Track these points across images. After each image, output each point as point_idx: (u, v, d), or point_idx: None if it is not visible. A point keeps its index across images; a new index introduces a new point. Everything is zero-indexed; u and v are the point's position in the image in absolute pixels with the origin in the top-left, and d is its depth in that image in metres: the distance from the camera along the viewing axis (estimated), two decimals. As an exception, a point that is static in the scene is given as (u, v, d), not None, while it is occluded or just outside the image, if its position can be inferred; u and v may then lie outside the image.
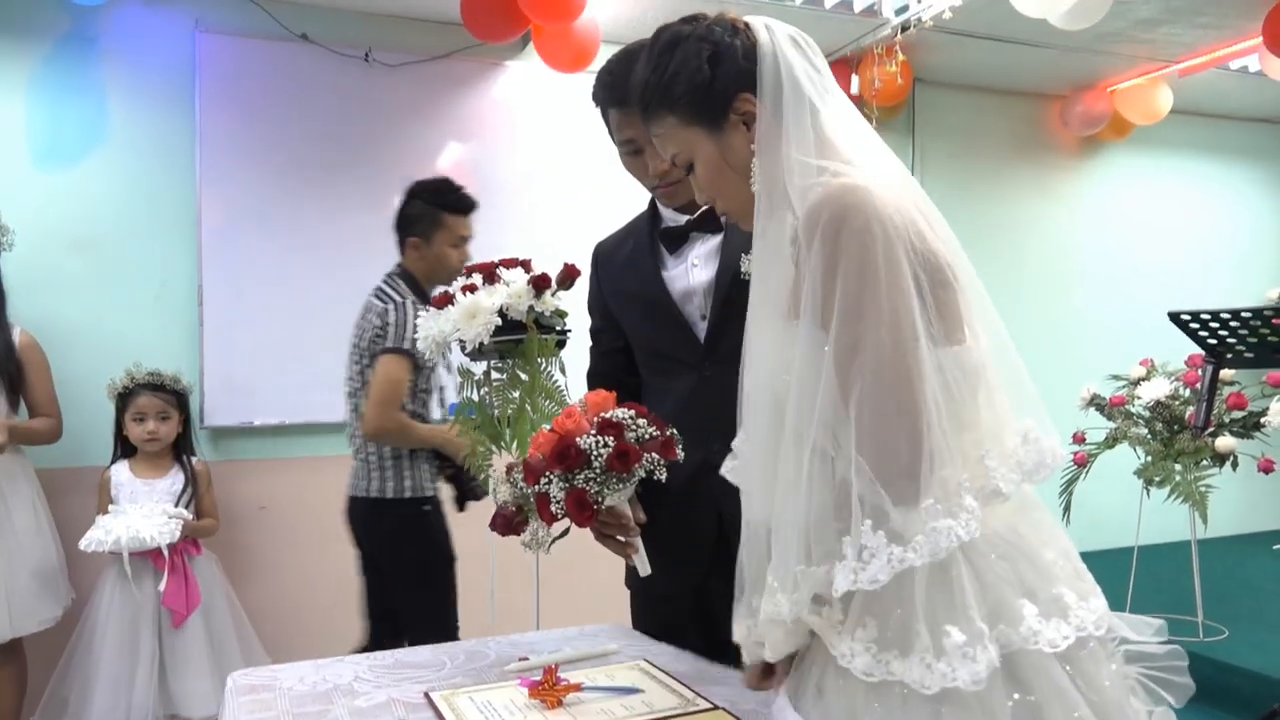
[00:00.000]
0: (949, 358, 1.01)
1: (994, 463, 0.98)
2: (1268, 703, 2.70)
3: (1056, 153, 4.66)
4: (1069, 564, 1.01)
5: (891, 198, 1.00)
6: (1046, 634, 0.92)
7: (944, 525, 0.91)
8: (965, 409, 1.00)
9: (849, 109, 1.11)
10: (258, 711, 1.28)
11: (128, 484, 2.69)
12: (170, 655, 2.56)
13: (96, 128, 3.04)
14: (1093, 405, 3.50)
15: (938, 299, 1.01)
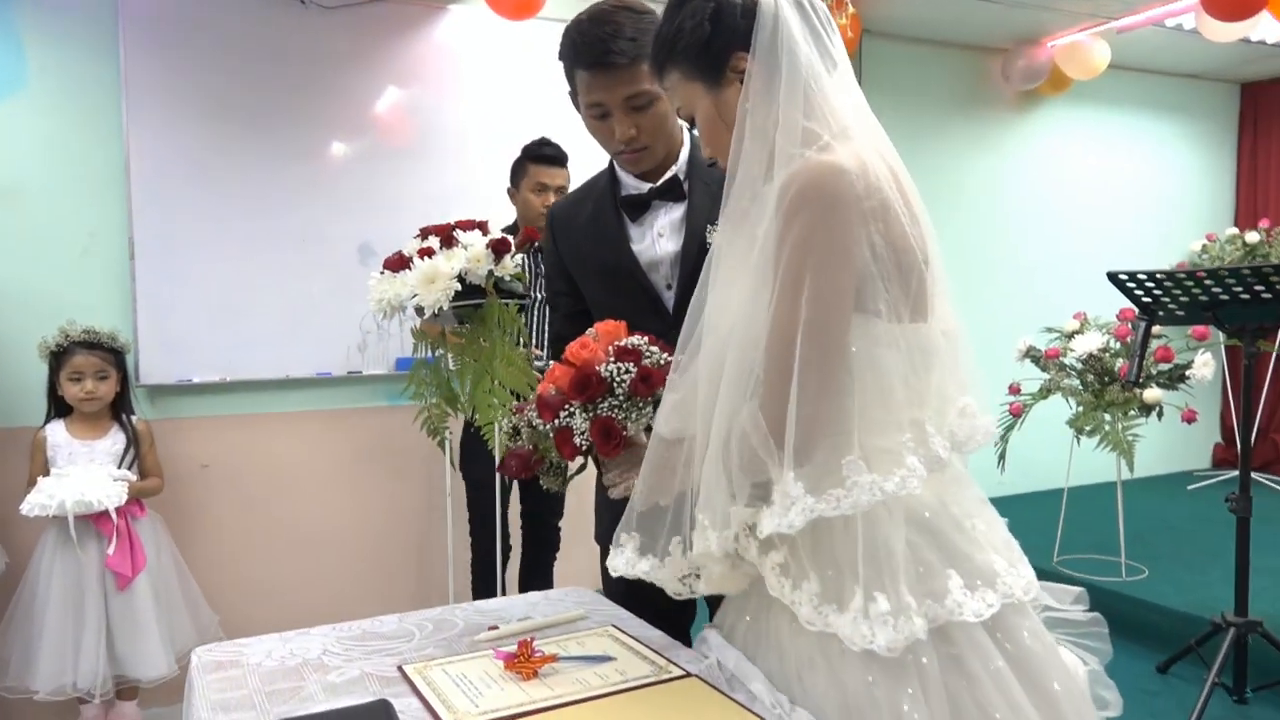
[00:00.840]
0: (911, 334, 1.08)
1: (932, 429, 1.06)
2: (1184, 638, 2.88)
3: (996, 106, 4.73)
4: (997, 534, 1.10)
5: (871, 180, 1.04)
6: (971, 605, 1.01)
7: (866, 480, 1.01)
8: (919, 381, 1.08)
9: (850, 79, 1.14)
10: (228, 690, 1.26)
11: (65, 445, 2.60)
12: (117, 618, 2.50)
13: (13, 74, 2.86)
14: (1028, 357, 3.62)
15: (906, 281, 1.07)
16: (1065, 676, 1.10)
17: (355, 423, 3.36)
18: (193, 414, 3.15)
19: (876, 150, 1.09)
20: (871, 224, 1.04)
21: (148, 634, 2.51)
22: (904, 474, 1.01)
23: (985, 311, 4.70)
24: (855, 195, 1.02)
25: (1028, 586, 1.06)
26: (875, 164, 1.06)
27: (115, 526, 2.48)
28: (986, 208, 4.75)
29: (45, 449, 2.60)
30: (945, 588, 1.01)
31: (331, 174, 3.28)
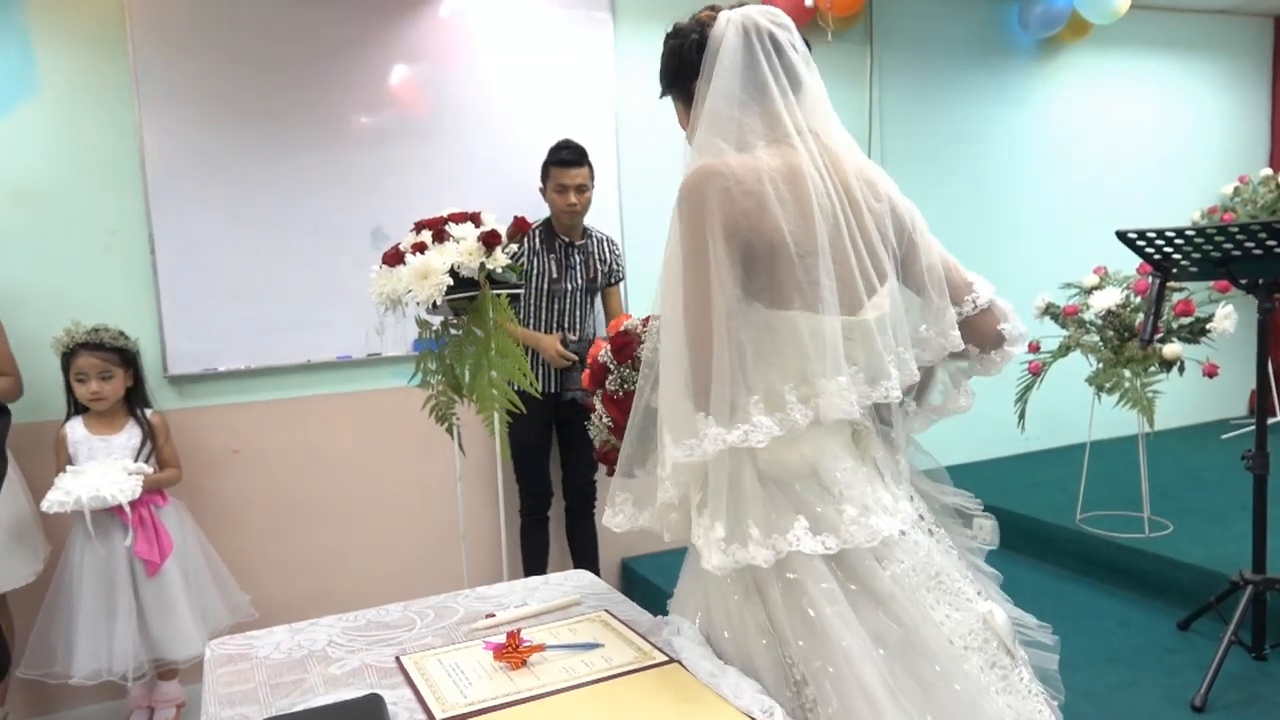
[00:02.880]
0: (773, 317, 1.25)
1: (792, 398, 1.23)
2: (1206, 595, 2.87)
3: (1015, 56, 4.61)
4: (860, 489, 1.26)
5: (746, 180, 1.22)
6: (809, 543, 1.21)
7: (714, 433, 1.20)
8: (778, 355, 1.25)
9: (811, 95, 1.32)
10: (235, 684, 1.33)
11: (84, 441, 2.69)
12: (149, 602, 2.60)
13: (25, 76, 2.92)
14: (1047, 314, 3.57)
15: (772, 270, 1.24)
16: (931, 624, 1.23)
17: (377, 403, 3.43)
18: (220, 401, 3.24)
19: (803, 150, 1.26)
20: (740, 219, 1.21)
21: (179, 616, 2.61)
22: (747, 429, 1.20)
23: (1005, 267, 4.62)
24: (717, 190, 1.21)
25: (870, 535, 1.22)
26: (769, 165, 1.24)
27: (134, 518, 2.57)
28: (1006, 161, 4.66)
29: (67, 445, 2.69)
30: (790, 526, 1.21)
31: (342, 160, 3.32)
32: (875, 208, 1.32)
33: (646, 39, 3.79)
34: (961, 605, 1.29)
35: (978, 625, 1.29)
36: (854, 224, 1.28)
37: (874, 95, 4.27)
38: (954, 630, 1.25)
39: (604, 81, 3.68)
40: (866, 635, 1.18)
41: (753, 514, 1.22)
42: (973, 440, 4.63)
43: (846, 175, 1.30)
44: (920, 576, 1.26)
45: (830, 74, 4.11)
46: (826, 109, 1.33)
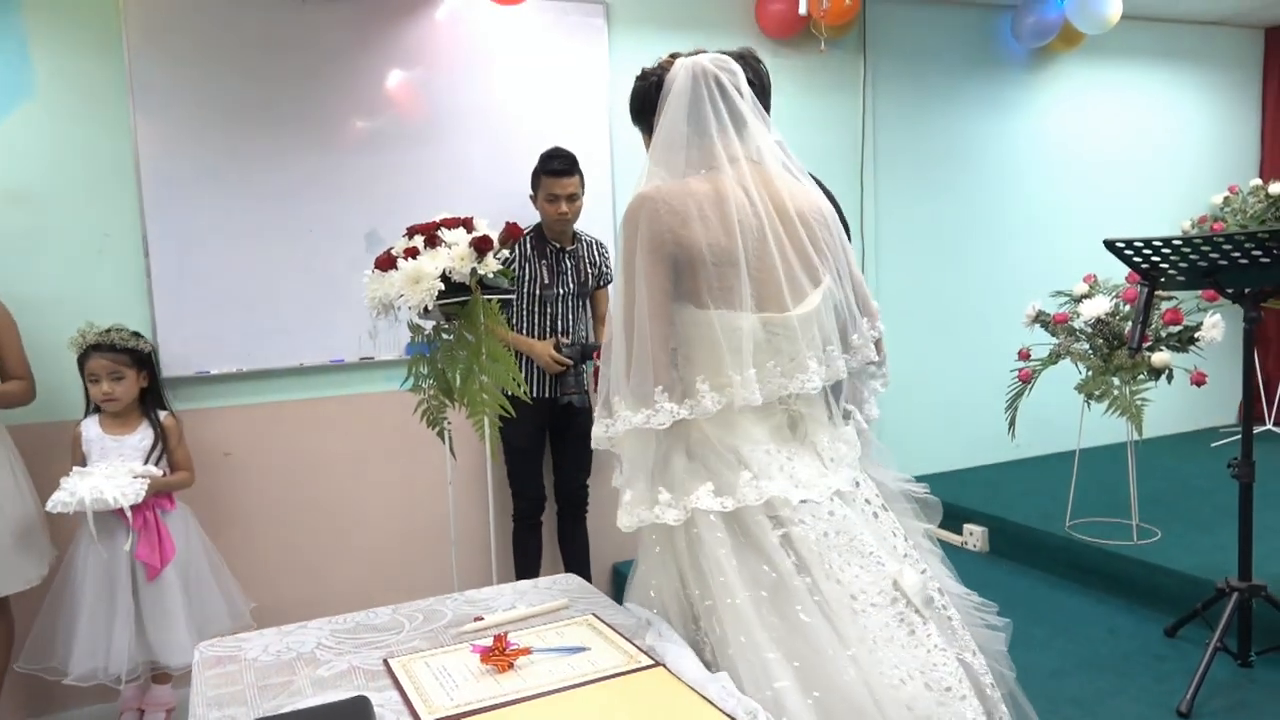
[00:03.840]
0: (699, 316, 1.47)
1: (704, 387, 1.45)
2: (1193, 602, 2.88)
3: (1007, 65, 4.64)
4: (770, 463, 1.45)
5: (674, 203, 1.46)
6: (706, 502, 1.42)
7: (623, 414, 1.44)
8: (700, 349, 1.47)
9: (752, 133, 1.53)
10: (223, 685, 1.34)
11: (97, 440, 2.69)
12: (148, 607, 2.60)
13: (21, 80, 2.93)
14: (1037, 322, 3.60)
15: (696, 276, 1.46)
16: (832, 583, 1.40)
17: (370, 407, 3.44)
18: (213, 404, 3.25)
19: (733, 175, 1.49)
20: (670, 232, 1.44)
21: (176, 623, 2.60)
22: (649, 413, 1.43)
23: (996, 275, 4.67)
24: (648, 214, 1.45)
25: (759, 495, 1.42)
26: (699, 188, 1.48)
27: (137, 521, 2.56)
28: (998, 170, 4.68)
29: (80, 443, 2.70)
30: (696, 490, 1.44)
31: (337, 164, 3.33)
32: (812, 223, 1.54)
33: (641, 45, 3.81)
34: (870, 567, 1.44)
35: (886, 585, 1.43)
36: (783, 237, 1.50)
37: (867, 104, 4.29)
38: (858, 588, 1.41)
39: (598, 87, 3.70)
40: (747, 577, 1.39)
41: (667, 482, 1.46)
42: (964, 447, 4.65)
43: (781, 196, 1.52)
44: (833, 539, 1.43)
45: (823, 83, 4.17)
46: (768, 140, 1.55)
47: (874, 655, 1.35)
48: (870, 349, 1.62)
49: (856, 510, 1.50)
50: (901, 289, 4.49)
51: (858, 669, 1.34)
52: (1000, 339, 4.09)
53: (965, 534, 4.00)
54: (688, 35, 3.90)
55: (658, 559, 1.49)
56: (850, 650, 1.35)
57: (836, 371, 1.52)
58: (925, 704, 1.35)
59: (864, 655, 1.35)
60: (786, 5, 3.81)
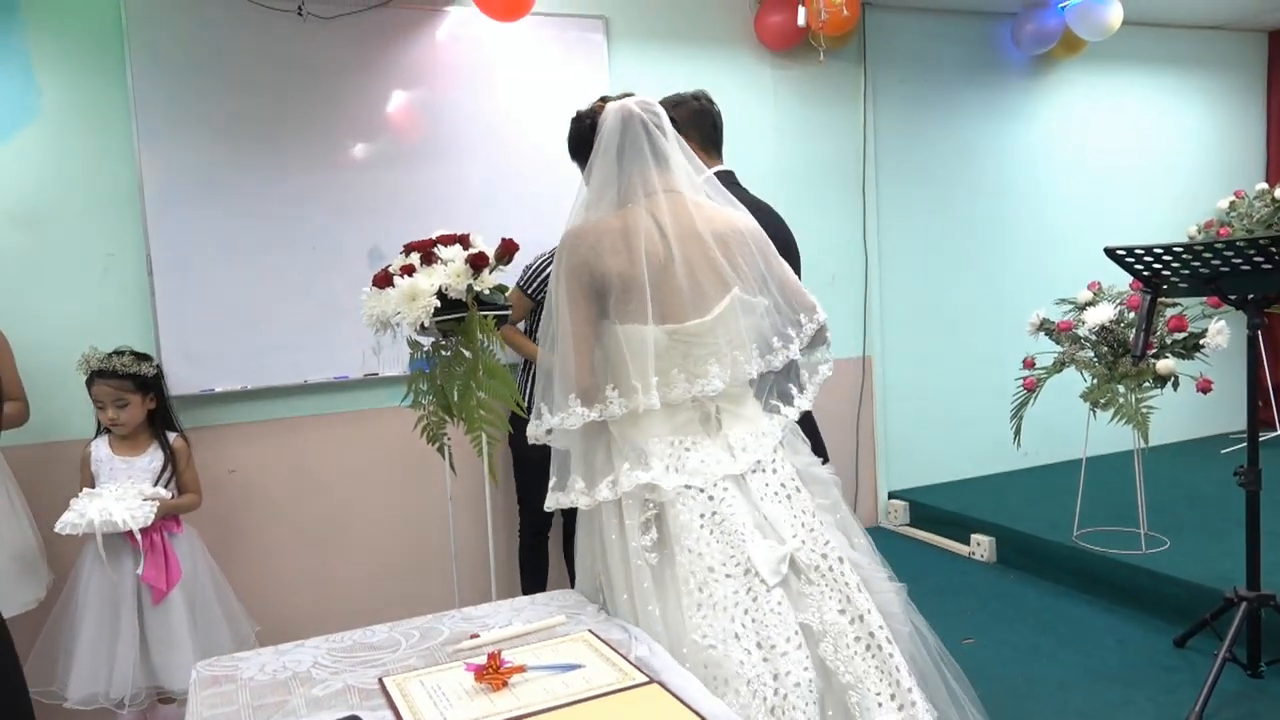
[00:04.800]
0: (615, 329, 1.71)
1: (613, 394, 1.69)
2: (1202, 612, 2.86)
3: (1008, 73, 4.64)
4: (661, 452, 1.69)
5: (588, 237, 1.71)
6: (603, 493, 1.70)
7: (545, 418, 1.70)
8: (609, 359, 1.72)
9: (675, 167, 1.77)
10: (219, 705, 1.34)
11: (107, 461, 2.69)
12: (152, 630, 2.58)
13: (25, 102, 2.96)
14: (1042, 330, 3.58)
15: (607, 298, 1.70)
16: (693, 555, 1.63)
17: (374, 423, 3.45)
18: (217, 422, 3.26)
19: (645, 208, 1.72)
20: (585, 262, 1.69)
21: (181, 647, 2.57)
22: (564, 415, 1.68)
23: (1000, 283, 4.66)
24: (567, 247, 1.72)
25: (631, 484, 1.67)
26: (612, 223, 1.71)
27: (145, 543, 2.54)
28: (1001, 177, 4.68)
29: (90, 464, 2.70)
30: (599, 482, 1.71)
31: (338, 181, 3.35)
32: (721, 243, 1.74)
33: (640, 59, 3.83)
34: (734, 544, 1.64)
35: (743, 559, 1.63)
36: (690, 257, 1.71)
37: (868, 113, 4.30)
38: (718, 561, 1.63)
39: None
40: (629, 550, 1.66)
41: (585, 473, 1.73)
42: (970, 456, 4.63)
43: (693, 221, 1.73)
44: (706, 519, 1.65)
45: (824, 93, 4.17)
46: (688, 173, 1.78)
47: (694, 618, 1.59)
48: (799, 349, 1.82)
49: (757, 493, 1.71)
50: (904, 298, 4.48)
51: (664, 628, 1.60)
52: (1005, 347, 4.09)
53: (972, 544, 3.98)
54: (687, 48, 3.92)
55: (584, 541, 1.80)
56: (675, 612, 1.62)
57: (744, 372, 1.73)
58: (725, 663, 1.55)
59: (680, 618, 1.60)
60: (785, 17, 3.82)
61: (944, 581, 3.71)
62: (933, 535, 4.23)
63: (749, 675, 1.53)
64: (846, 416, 4.39)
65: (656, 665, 1.35)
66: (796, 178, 4.19)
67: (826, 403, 4.21)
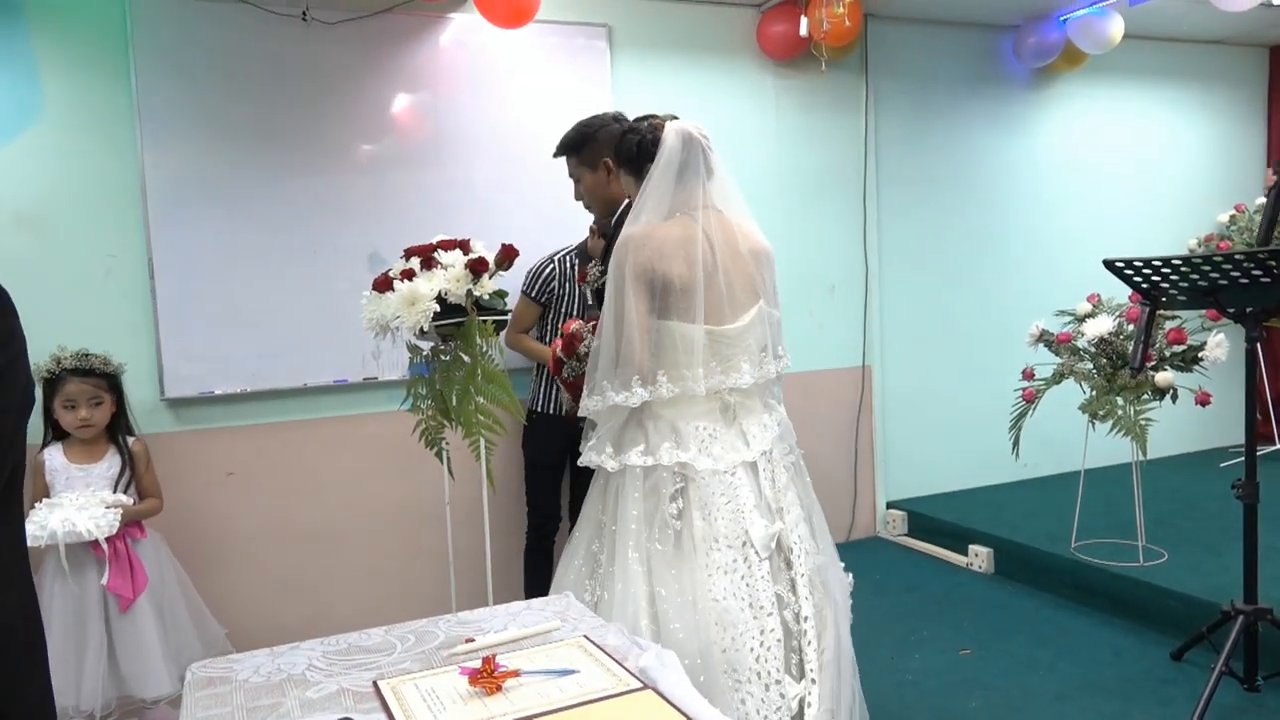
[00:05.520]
0: (678, 328, 1.97)
1: (663, 379, 1.96)
2: (1199, 625, 2.85)
3: (1009, 85, 4.66)
4: (694, 435, 1.98)
5: (652, 243, 1.96)
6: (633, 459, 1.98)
7: (610, 395, 1.97)
8: (667, 351, 1.97)
9: (719, 182, 2.05)
10: (213, 707, 1.34)
11: (63, 470, 2.61)
12: (120, 639, 2.52)
13: (30, 102, 2.97)
14: (1041, 341, 3.58)
15: (671, 298, 1.96)
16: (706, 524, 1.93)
17: (373, 427, 3.45)
18: (216, 424, 3.27)
19: (700, 222, 1.98)
20: (649, 265, 1.94)
21: (151, 654, 2.52)
22: (628, 394, 1.94)
23: (1000, 294, 4.67)
24: (632, 250, 1.96)
25: (672, 459, 1.95)
26: (672, 232, 1.97)
27: (109, 551, 2.48)
28: (1001, 189, 4.69)
29: (44, 473, 2.61)
30: (630, 449, 1.99)
31: (340, 185, 3.36)
32: (754, 260, 2.04)
33: (643, 67, 3.84)
34: (735, 519, 1.94)
35: (741, 533, 1.93)
36: (730, 269, 1.99)
37: (869, 123, 4.31)
38: (722, 532, 1.92)
39: (602, 108, 3.71)
40: (641, 511, 1.95)
41: (615, 441, 2.02)
42: (968, 467, 4.63)
43: (734, 238, 2.02)
44: (720, 497, 1.94)
45: (825, 103, 4.19)
46: (732, 190, 2.06)
47: (710, 578, 1.90)
48: (786, 359, 2.12)
49: (763, 478, 2.01)
50: (904, 308, 4.49)
51: (678, 583, 1.90)
52: (1004, 358, 4.09)
53: (970, 555, 3.97)
54: (689, 57, 3.94)
55: (598, 488, 2.08)
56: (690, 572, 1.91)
57: (766, 373, 2.03)
58: (732, 615, 1.87)
59: (701, 577, 1.90)
60: (787, 26, 3.84)
61: (941, 592, 3.71)
62: (931, 546, 4.23)
63: (743, 628, 1.87)
64: (845, 426, 4.39)
65: (654, 673, 1.35)
66: (797, 186, 4.20)
67: (826, 411, 4.28)
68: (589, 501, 2.10)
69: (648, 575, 1.90)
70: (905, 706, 2.75)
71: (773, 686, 1.86)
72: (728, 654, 1.84)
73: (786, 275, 4.15)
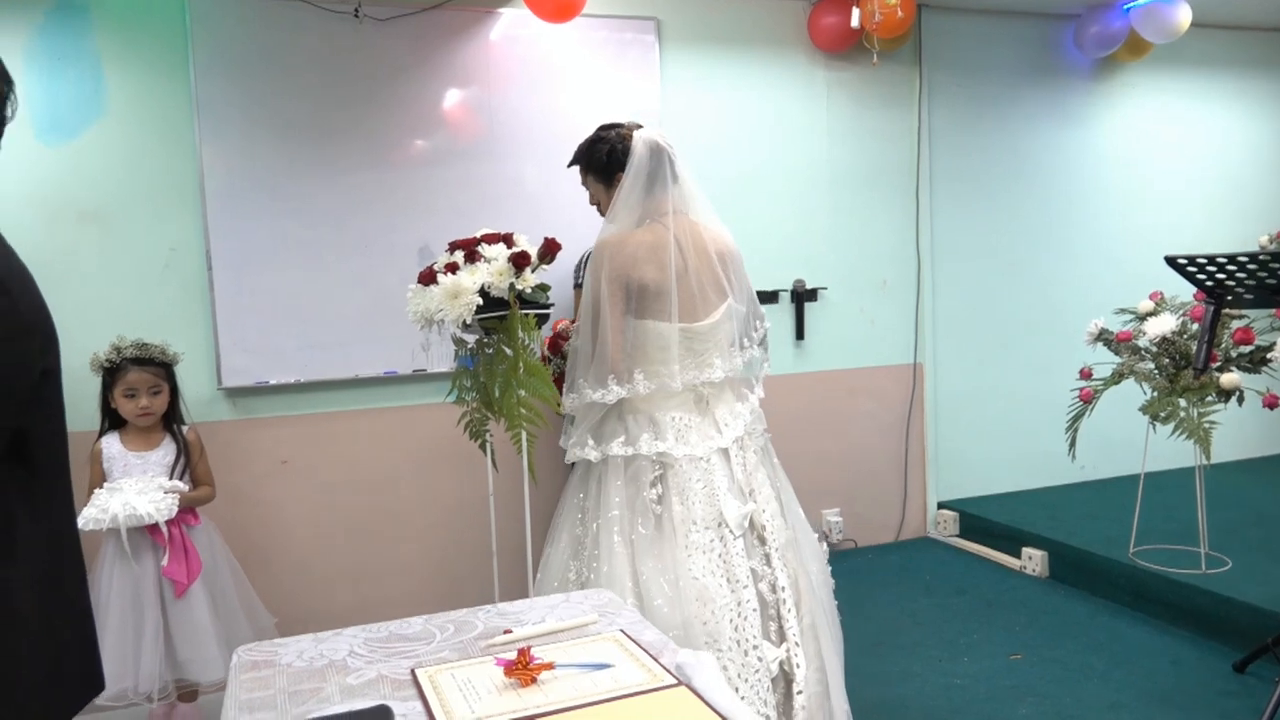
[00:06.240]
0: (652, 327, 2.13)
1: (639, 376, 2.12)
2: (1264, 636, 2.75)
3: (1070, 76, 4.53)
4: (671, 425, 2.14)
5: (627, 248, 2.13)
6: (615, 449, 2.14)
7: (586, 392, 2.12)
8: (642, 349, 2.12)
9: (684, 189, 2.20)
10: (256, 690, 1.37)
11: (120, 457, 2.66)
12: (175, 624, 2.56)
13: (94, 99, 3.06)
14: (1100, 340, 3.48)
15: (646, 299, 2.12)
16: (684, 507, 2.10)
17: (422, 418, 3.50)
18: (271, 413, 3.34)
19: (672, 228, 2.14)
20: (623, 269, 2.10)
21: (205, 639, 2.57)
22: (604, 391, 2.10)
23: (1058, 291, 4.55)
24: (609, 255, 2.11)
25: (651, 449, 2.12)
26: (644, 238, 2.14)
27: (168, 537, 2.54)
28: (1061, 184, 4.57)
29: (102, 460, 2.67)
30: (612, 440, 2.15)
31: (391, 180, 3.40)
32: (722, 259, 2.20)
33: (692, 60, 3.82)
34: (710, 502, 2.10)
35: (717, 514, 2.09)
36: (700, 271, 2.15)
37: (923, 117, 4.23)
38: (699, 515, 2.09)
39: (650, 101, 3.72)
40: (623, 498, 2.11)
41: (596, 434, 2.16)
42: (1023, 468, 4.53)
43: (702, 239, 2.18)
44: (696, 481, 2.11)
45: (877, 96, 4.12)
46: (697, 194, 2.21)
47: (690, 558, 2.06)
48: (756, 348, 2.27)
49: (734, 462, 2.16)
50: (958, 304, 4.40)
51: (660, 563, 2.06)
52: (1061, 357, 3.99)
53: (1024, 558, 3.88)
54: (739, 50, 3.90)
55: (578, 476, 2.24)
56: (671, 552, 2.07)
57: (735, 366, 2.19)
58: (711, 591, 2.03)
59: (681, 557, 2.06)
60: (839, 18, 3.78)
61: (993, 595, 3.63)
62: (983, 547, 4.14)
63: (721, 602, 2.03)
64: (896, 424, 4.32)
65: (689, 670, 1.34)
66: (848, 181, 4.14)
67: (876, 409, 4.22)
68: (569, 489, 2.26)
69: (631, 557, 2.07)
70: (953, 710, 2.70)
71: (751, 652, 2.01)
72: (708, 626, 2.00)
73: (836, 270, 4.15)
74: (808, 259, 4.11)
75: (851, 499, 4.23)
